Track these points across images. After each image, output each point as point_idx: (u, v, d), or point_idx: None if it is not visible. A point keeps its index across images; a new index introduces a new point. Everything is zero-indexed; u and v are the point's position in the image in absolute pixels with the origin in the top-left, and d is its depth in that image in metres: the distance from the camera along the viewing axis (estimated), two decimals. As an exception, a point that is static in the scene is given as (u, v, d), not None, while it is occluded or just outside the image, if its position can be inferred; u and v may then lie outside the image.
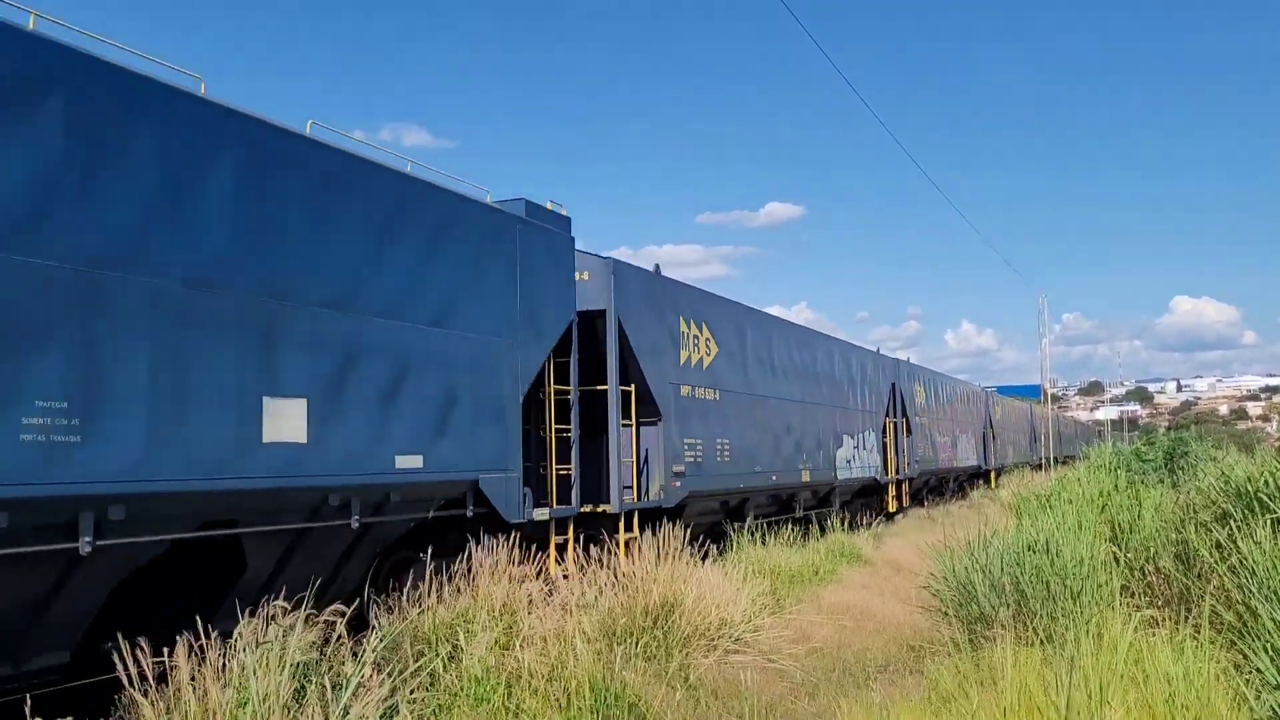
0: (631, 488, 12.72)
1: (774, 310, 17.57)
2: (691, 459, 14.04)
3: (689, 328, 14.48)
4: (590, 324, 12.37)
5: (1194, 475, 13.97)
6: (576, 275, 11.89)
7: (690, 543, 10.66)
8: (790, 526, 16.21)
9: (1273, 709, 4.43)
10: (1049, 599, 7.93)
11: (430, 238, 9.26)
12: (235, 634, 5.85)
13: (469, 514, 9.53)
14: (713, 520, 15.42)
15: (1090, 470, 15.91)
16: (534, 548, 9.89)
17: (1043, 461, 49.04)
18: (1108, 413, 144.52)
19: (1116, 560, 9.09)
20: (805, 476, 18.73)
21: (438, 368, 9.16)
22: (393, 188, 8.92)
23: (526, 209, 11.05)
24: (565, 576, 10.16)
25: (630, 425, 12.70)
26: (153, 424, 6.50)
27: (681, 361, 14.12)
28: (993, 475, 40.87)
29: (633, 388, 12.74)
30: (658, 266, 14.38)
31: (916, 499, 28.81)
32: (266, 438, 7.30)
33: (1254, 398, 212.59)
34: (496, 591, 8.02)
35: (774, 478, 17.22)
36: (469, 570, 8.61)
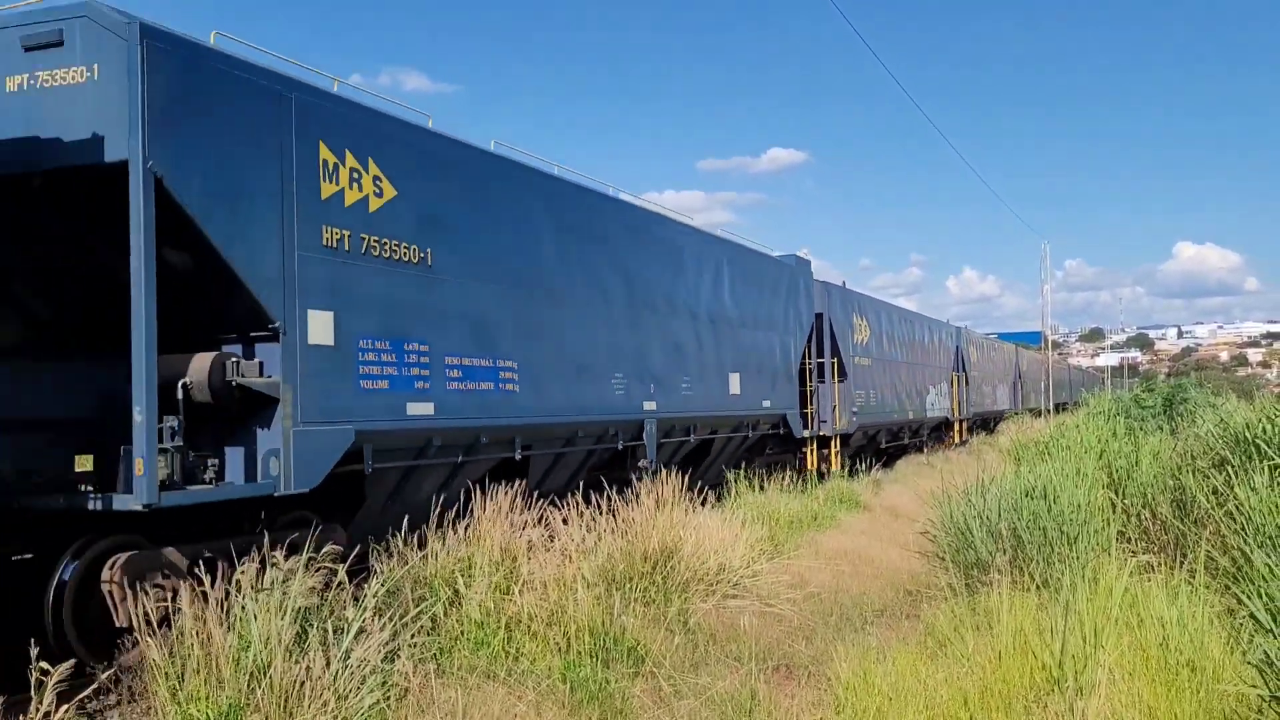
0: (831, 421, 20.44)
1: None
2: (859, 404, 21.85)
3: (857, 319, 22.49)
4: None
5: (1193, 422, 13.99)
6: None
7: (854, 458, 21.62)
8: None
9: (1265, 653, 4.47)
10: (1045, 544, 7.98)
11: (760, 282, 17.23)
12: (235, 579, 5.89)
13: (780, 432, 18.11)
14: (860, 444, 23.16)
15: (1089, 417, 15.93)
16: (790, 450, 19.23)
17: (1042, 410, 49.37)
18: (1108, 359, 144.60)
19: (1113, 506, 9.13)
20: (910, 415, 26.88)
21: (769, 353, 17.32)
22: (748, 257, 16.96)
23: (795, 261, 19.33)
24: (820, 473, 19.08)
25: (834, 382, 20.56)
26: (704, 384, 14.57)
27: (854, 341, 21.92)
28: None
29: (835, 360, 20.67)
30: (844, 282, 23.09)
31: (971, 432, 36.75)
32: (730, 392, 15.44)
33: (1254, 344, 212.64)
34: (497, 536, 8.06)
35: (894, 416, 25.31)
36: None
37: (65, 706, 4.89)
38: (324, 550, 6.45)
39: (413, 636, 6.36)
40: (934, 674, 5.93)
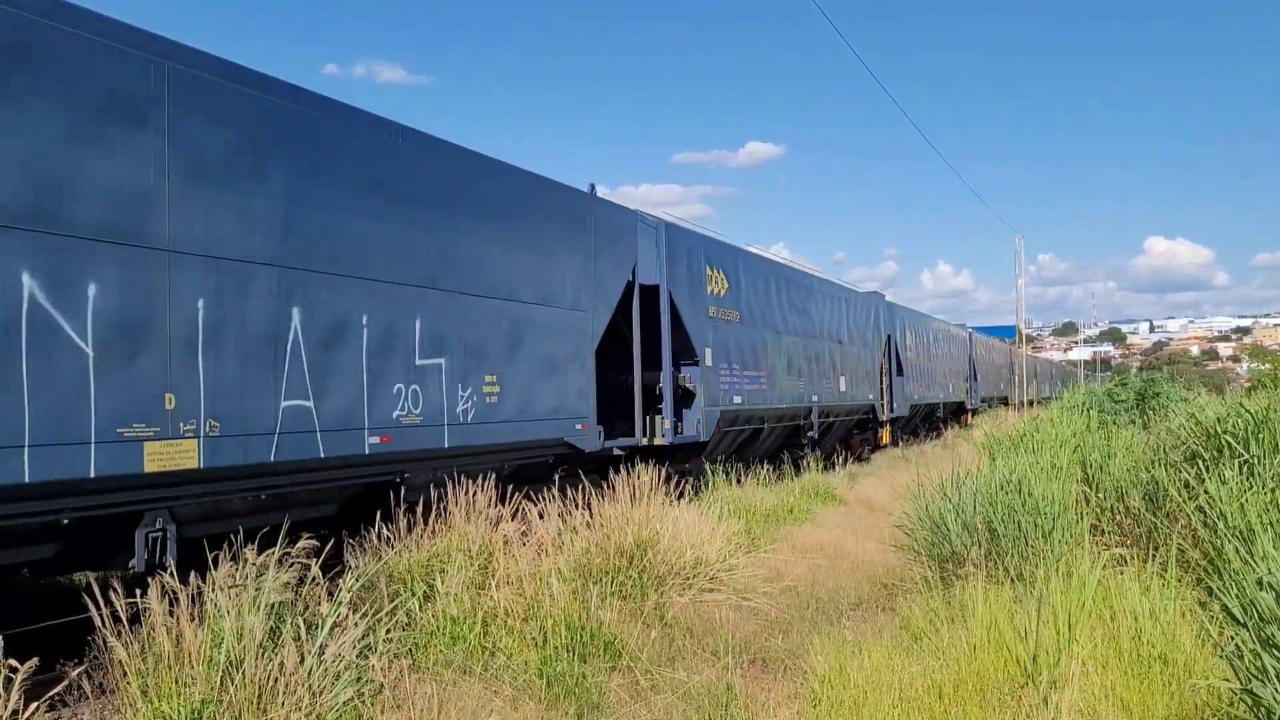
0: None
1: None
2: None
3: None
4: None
5: (1165, 416, 14.11)
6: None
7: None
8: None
9: (1237, 646, 4.51)
10: (1020, 538, 8.02)
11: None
12: (210, 577, 5.83)
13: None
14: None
15: (1063, 411, 16.05)
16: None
17: (1016, 402, 49.50)
18: (1081, 353, 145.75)
19: (1087, 500, 9.19)
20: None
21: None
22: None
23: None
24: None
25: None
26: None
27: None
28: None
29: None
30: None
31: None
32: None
33: (1225, 339, 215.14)
34: (472, 532, 8.02)
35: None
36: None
37: (34, 705, 4.83)
38: (298, 545, 6.39)
39: (388, 632, 6.31)
40: (909, 667, 5.95)
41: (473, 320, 9.86)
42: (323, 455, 7.97)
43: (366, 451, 8.41)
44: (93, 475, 6.30)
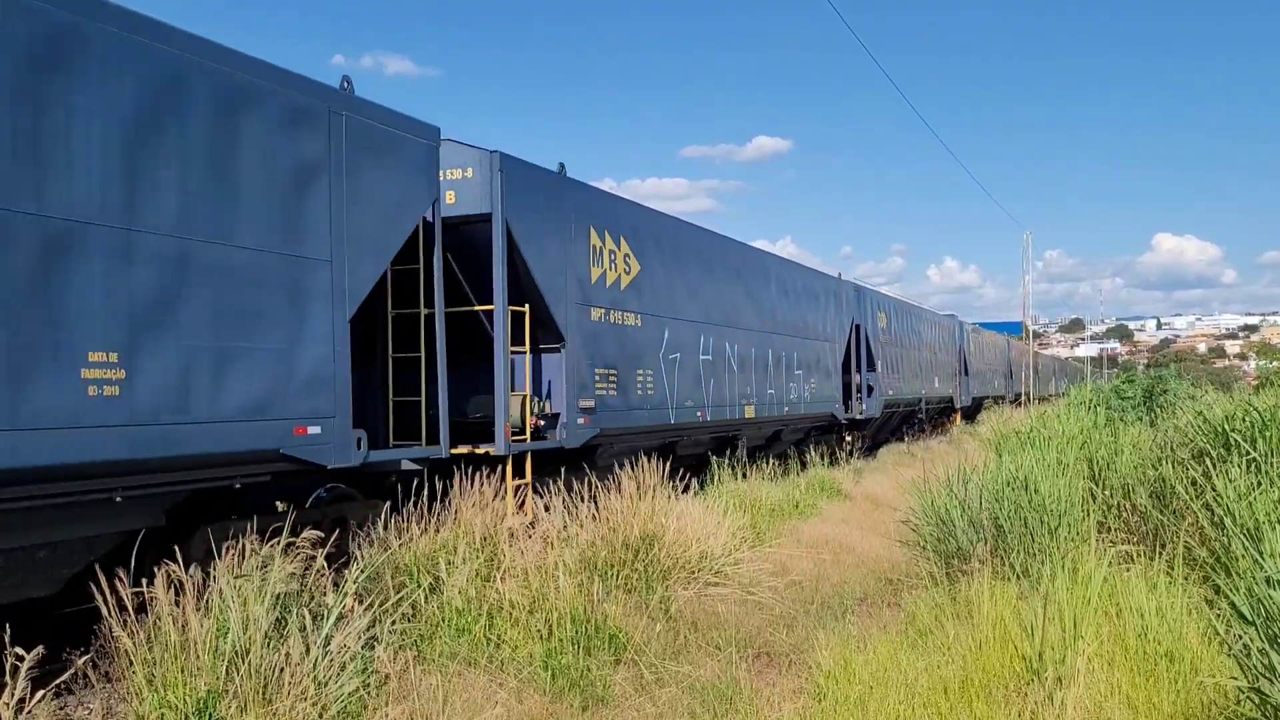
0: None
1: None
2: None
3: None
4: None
5: (1172, 413, 14.07)
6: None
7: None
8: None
9: (1245, 644, 4.49)
10: (1026, 534, 8.00)
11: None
12: (213, 567, 5.84)
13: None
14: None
15: (1070, 408, 15.99)
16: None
17: (1021, 398, 50.13)
18: (1087, 350, 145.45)
19: (1093, 497, 9.16)
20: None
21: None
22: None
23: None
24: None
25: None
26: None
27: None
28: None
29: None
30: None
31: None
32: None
33: (1232, 336, 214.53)
34: (477, 523, 8.03)
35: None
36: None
37: (41, 692, 4.84)
38: (302, 535, 6.41)
39: (393, 623, 6.32)
40: (914, 663, 5.94)
41: (807, 351, 20.25)
42: (769, 417, 18.15)
43: (781, 414, 18.71)
44: (698, 418, 14.78)
